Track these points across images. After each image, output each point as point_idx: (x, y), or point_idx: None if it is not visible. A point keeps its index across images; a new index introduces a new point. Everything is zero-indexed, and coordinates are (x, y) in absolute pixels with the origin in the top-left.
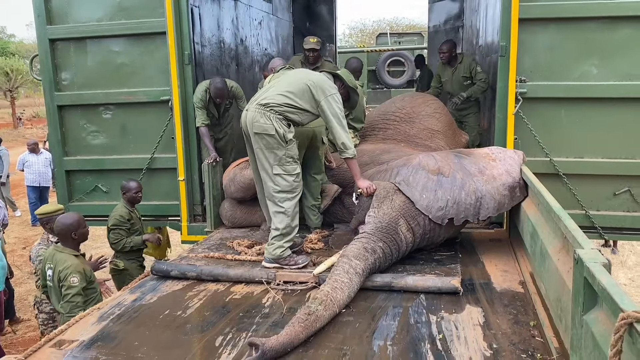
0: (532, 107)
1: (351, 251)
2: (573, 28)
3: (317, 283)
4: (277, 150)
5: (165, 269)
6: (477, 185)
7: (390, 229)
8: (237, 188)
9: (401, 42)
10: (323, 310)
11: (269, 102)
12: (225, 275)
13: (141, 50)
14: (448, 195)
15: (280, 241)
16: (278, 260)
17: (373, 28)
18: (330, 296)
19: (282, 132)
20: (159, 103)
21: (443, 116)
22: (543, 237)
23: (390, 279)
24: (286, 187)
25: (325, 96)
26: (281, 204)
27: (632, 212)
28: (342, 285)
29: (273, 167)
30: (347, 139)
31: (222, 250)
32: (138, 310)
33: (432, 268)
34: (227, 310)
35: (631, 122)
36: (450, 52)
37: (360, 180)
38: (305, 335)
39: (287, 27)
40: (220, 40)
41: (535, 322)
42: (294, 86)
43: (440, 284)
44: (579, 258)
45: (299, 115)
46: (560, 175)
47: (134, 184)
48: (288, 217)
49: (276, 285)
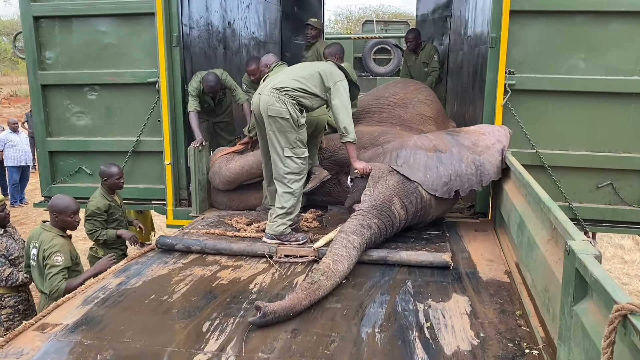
0: (520, 99)
1: (348, 227)
2: (563, 21)
3: (316, 257)
4: (290, 133)
5: (170, 243)
6: (474, 156)
7: (384, 206)
8: (221, 181)
9: (388, 30)
10: (325, 280)
11: (284, 87)
12: (228, 249)
13: (128, 30)
14: (450, 169)
15: (283, 219)
16: (280, 237)
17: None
18: (332, 268)
19: (295, 117)
20: (145, 85)
21: (434, 103)
22: (531, 228)
23: (385, 253)
24: (295, 169)
25: (334, 82)
26: (290, 184)
27: (614, 204)
28: (342, 258)
29: (284, 150)
30: (349, 124)
31: (221, 227)
32: (123, 295)
33: (422, 245)
34: (214, 296)
35: (615, 117)
36: (416, 40)
37: (356, 162)
38: (308, 302)
39: (275, 11)
40: (208, 23)
41: (521, 312)
42: (306, 72)
43: (432, 259)
44: (570, 249)
45: (310, 100)
46: (546, 167)
47: (115, 169)
48: (295, 197)
49: (278, 259)
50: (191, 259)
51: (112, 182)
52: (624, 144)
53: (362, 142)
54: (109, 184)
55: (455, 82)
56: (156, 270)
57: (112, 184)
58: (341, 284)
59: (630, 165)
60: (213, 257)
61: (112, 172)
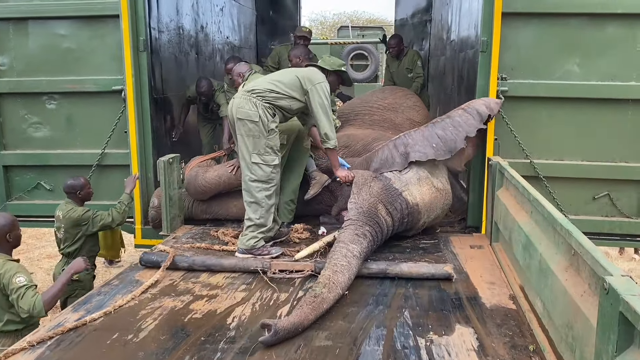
0: (513, 106)
1: (345, 237)
2: (556, 24)
3: (313, 271)
4: (258, 138)
5: (155, 260)
6: (462, 110)
7: (371, 213)
8: (195, 190)
9: (364, 35)
10: (327, 292)
11: (256, 89)
12: (219, 265)
13: (91, 34)
14: (448, 126)
15: (254, 232)
16: (251, 251)
17: (333, 21)
18: (332, 279)
19: (265, 120)
20: (110, 93)
21: (422, 109)
22: (542, 251)
23: (385, 266)
24: (262, 176)
25: (313, 84)
26: (256, 193)
27: (611, 217)
28: (342, 268)
29: (252, 156)
30: (329, 130)
31: (206, 240)
32: (82, 334)
33: (420, 256)
34: (186, 334)
35: (612, 124)
36: (399, 46)
37: (338, 170)
38: (314, 316)
39: (250, 15)
40: (179, 27)
41: (535, 347)
42: (283, 77)
43: (433, 271)
44: (610, 288)
45: (287, 101)
46: (541, 178)
47: (83, 179)
48: (262, 208)
49: (272, 274)
50: (160, 287)
51: (86, 192)
52: (621, 152)
53: (356, 149)
54: (82, 196)
55: (437, 88)
56: (121, 303)
57: (85, 194)
58: (331, 315)
59: (628, 175)
60: (185, 285)
61: (82, 182)
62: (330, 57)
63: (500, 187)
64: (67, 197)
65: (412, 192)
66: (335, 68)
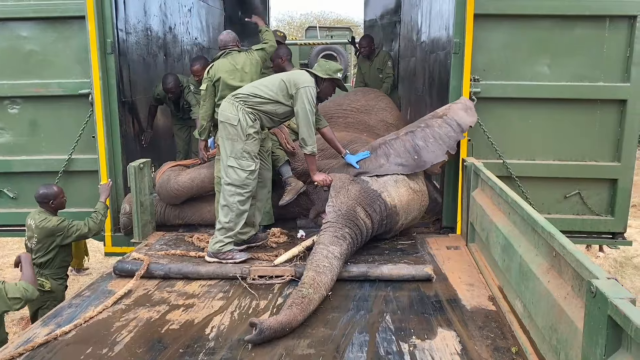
0: (485, 107)
1: (325, 239)
2: (527, 26)
3: (294, 276)
4: (236, 142)
5: (129, 268)
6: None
7: (350, 215)
8: (167, 194)
9: (333, 36)
10: (314, 293)
11: (239, 93)
12: (196, 273)
13: (55, 36)
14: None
15: (222, 235)
16: (217, 255)
17: (300, 21)
18: (317, 280)
19: (244, 125)
20: (77, 97)
21: (394, 110)
22: (522, 253)
23: (366, 269)
24: (237, 181)
25: (297, 88)
26: (228, 197)
27: (582, 215)
28: (325, 269)
29: (229, 159)
30: (308, 136)
31: (181, 246)
32: (53, 349)
33: (399, 257)
34: (163, 346)
35: (582, 124)
36: (370, 46)
37: (315, 175)
38: (302, 317)
39: (219, 16)
40: (147, 28)
41: (517, 349)
42: (268, 81)
43: (414, 272)
44: (597, 291)
45: (272, 106)
46: (513, 178)
47: (56, 188)
48: (232, 212)
49: (252, 281)
50: (134, 297)
51: (59, 201)
52: (590, 152)
53: (332, 152)
54: (55, 205)
55: (407, 89)
56: (93, 315)
57: (59, 203)
58: (312, 322)
59: (597, 174)
60: (160, 294)
61: (56, 191)
62: (327, 62)
63: (476, 188)
64: (40, 207)
65: (391, 193)
66: (330, 75)
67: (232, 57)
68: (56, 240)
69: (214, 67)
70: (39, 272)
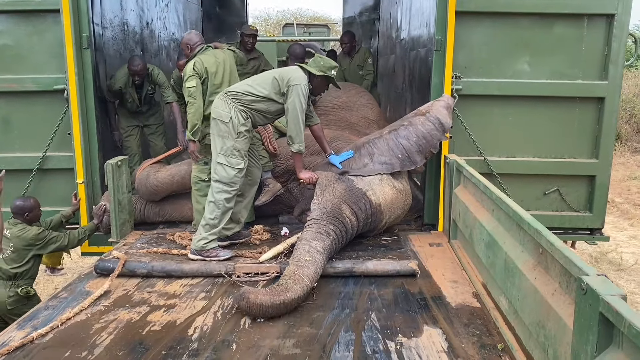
0: (467, 104)
1: (308, 234)
2: (508, 23)
3: (279, 273)
4: (227, 139)
5: (111, 267)
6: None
7: (335, 212)
8: (147, 190)
9: (311, 33)
10: (292, 283)
11: (231, 90)
12: (179, 271)
13: (29, 30)
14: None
15: (206, 232)
16: (201, 253)
17: (277, 18)
18: (297, 272)
19: (236, 122)
20: (51, 92)
21: (375, 107)
22: (507, 250)
23: (351, 264)
24: (224, 178)
25: (289, 86)
26: (215, 193)
27: (561, 211)
28: (306, 262)
29: (218, 155)
30: (295, 134)
31: (163, 245)
32: (29, 354)
33: (383, 253)
34: (145, 348)
35: (561, 122)
36: (351, 43)
37: (301, 173)
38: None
39: (196, 11)
40: (123, 23)
41: (503, 345)
42: (261, 78)
43: (399, 267)
44: (588, 288)
45: (264, 104)
46: (494, 176)
47: (32, 201)
48: (218, 210)
49: (237, 278)
50: (114, 298)
51: (34, 214)
52: (569, 149)
53: (315, 149)
54: (30, 218)
55: (387, 86)
56: (71, 316)
57: (34, 216)
58: (297, 321)
59: (576, 171)
60: (140, 295)
61: (32, 204)
62: (322, 59)
63: (458, 185)
64: (14, 217)
65: (375, 192)
66: (324, 72)
67: (212, 53)
68: (32, 250)
69: (200, 63)
70: (14, 282)
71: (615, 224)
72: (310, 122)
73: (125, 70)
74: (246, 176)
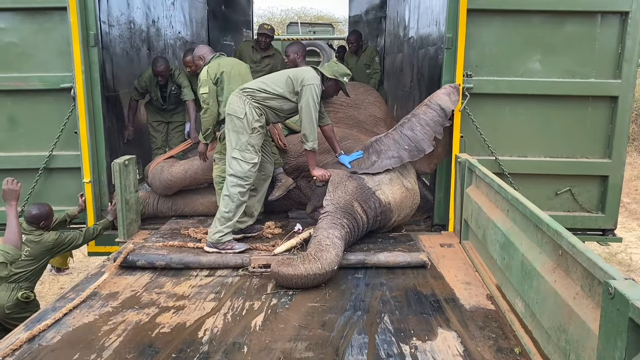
0: (478, 103)
1: (323, 224)
2: (519, 21)
3: None
4: (242, 134)
5: (130, 260)
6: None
7: (347, 208)
8: (160, 184)
9: (315, 32)
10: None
11: (246, 87)
12: (197, 262)
13: (35, 28)
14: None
15: (222, 225)
16: (216, 245)
17: (281, 17)
18: (318, 255)
19: (250, 118)
20: (58, 91)
21: (383, 105)
22: (524, 251)
23: (363, 256)
24: (239, 172)
25: (302, 85)
26: (230, 187)
27: (572, 212)
28: (327, 247)
29: (233, 150)
30: (309, 132)
31: (178, 239)
32: (37, 356)
33: (392, 245)
34: (155, 351)
35: (573, 121)
36: (358, 41)
37: (315, 170)
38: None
39: (202, 10)
40: (130, 21)
41: (520, 349)
42: (275, 77)
43: (409, 259)
44: (616, 292)
45: (277, 101)
46: (506, 175)
47: (47, 208)
48: (233, 203)
49: (253, 269)
50: (122, 300)
51: (50, 220)
52: (581, 149)
53: (325, 147)
54: (44, 226)
55: (394, 85)
56: (79, 318)
57: (50, 222)
58: (308, 324)
59: (588, 171)
60: (149, 296)
61: (48, 211)
62: (337, 64)
63: (470, 184)
64: (29, 224)
65: (385, 191)
66: (336, 77)
67: (225, 58)
68: (49, 254)
69: (213, 67)
70: (17, 285)
71: (624, 225)
72: (321, 123)
73: (151, 70)
74: (259, 171)
